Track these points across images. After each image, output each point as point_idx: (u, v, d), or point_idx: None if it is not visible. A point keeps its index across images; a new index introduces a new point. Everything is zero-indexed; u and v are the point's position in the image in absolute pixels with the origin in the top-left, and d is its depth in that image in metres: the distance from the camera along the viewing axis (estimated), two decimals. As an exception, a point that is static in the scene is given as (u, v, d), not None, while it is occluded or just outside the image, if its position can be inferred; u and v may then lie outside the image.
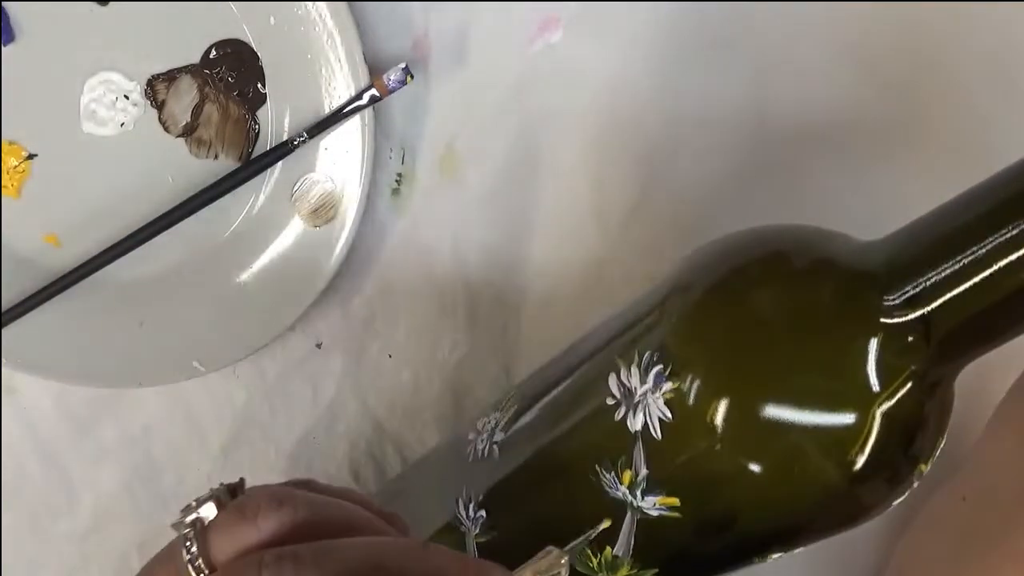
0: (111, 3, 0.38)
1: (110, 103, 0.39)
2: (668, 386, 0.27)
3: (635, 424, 0.28)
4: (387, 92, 0.38)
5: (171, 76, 0.39)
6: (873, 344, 0.26)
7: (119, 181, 0.40)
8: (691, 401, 0.27)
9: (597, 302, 0.42)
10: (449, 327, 0.43)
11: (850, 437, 0.26)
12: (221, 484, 0.26)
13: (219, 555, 0.24)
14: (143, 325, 0.41)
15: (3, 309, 0.39)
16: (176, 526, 0.25)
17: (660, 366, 0.28)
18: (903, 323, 0.25)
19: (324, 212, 0.40)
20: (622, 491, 0.29)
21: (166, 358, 0.41)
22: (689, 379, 0.27)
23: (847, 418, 0.26)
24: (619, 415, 0.29)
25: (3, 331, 0.39)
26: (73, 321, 0.40)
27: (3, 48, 0.38)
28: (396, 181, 0.42)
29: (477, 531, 0.34)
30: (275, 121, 0.40)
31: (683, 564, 0.31)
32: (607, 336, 0.32)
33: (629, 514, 0.29)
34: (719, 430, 0.27)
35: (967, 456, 0.37)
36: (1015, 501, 0.32)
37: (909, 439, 0.27)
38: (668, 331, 0.28)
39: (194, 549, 0.24)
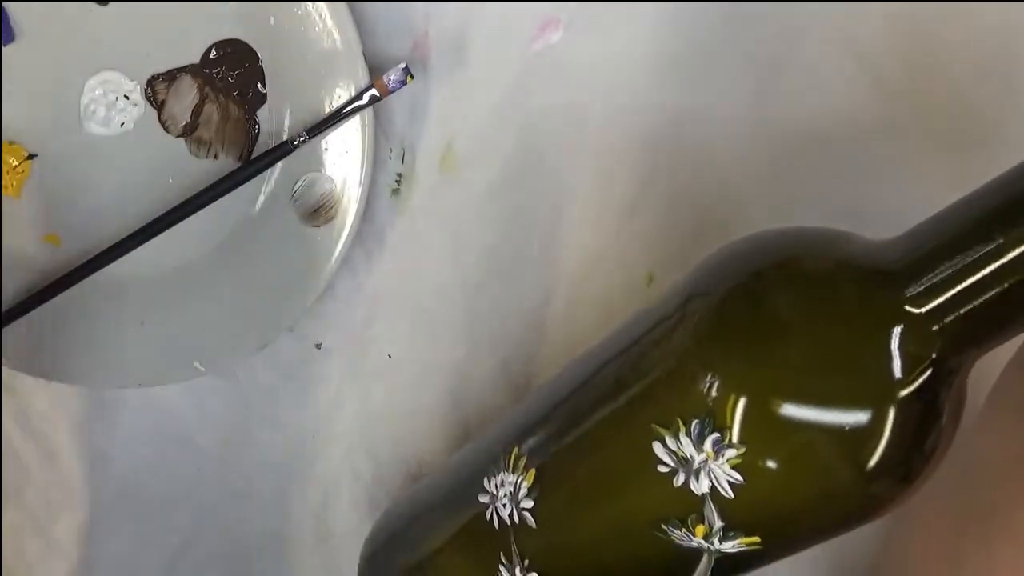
0: (111, 3, 0.38)
1: (110, 103, 0.39)
2: (732, 453, 0.27)
3: (701, 488, 0.28)
4: (387, 92, 0.38)
5: (171, 76, 0.39)
6: (896, 333, 0.26)
7: (119, 181, 0.40)
8: (761, 463, 0.27)
9: (597, 302, 0.42)
10: (449, 327, 0.43)
11: (876, 431, 0.27)
12: None
13: None
14: (143, 325, 0.41)
15: (3, 309, 0.39)
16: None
17: (716, 435, 0.28)
18: (925, 312, 0.26)
19: (324, 212, 0.40)
20: (697, 542, 0.29)
21: (166, 358, 0.41)
22: (752, 448, 0.27)
23: (873, 412, 0.27)
24: (678, 482, 0.29)
25: (3, 331, 0.39)
26: (73, 321, 0.40)
27: (3, 48, 0.38)
28: (396, 181, 0.42)
29: None
30: (275, 121, 0.40)
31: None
32: (621, 373, 0.32)
33: (706, 557, 0.30)
34: (785, 464, 0.27)
35: (965, 434, 0.37)
36: (1010, 477, 0.33)
37: (927, 431, 0.27)
38: (709, 390, 0.28)
39: None
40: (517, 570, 0.34)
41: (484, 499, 0.35)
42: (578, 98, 0.40)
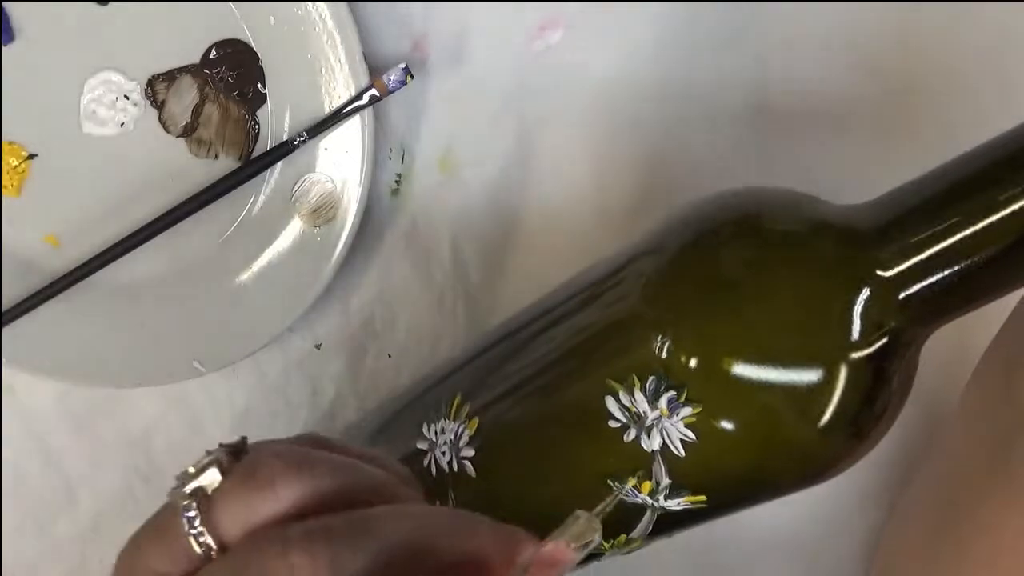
0: (111, 3, 0.38)
1: (110, 103, 0.39)
2: (687, 411, 0.27)
3: (651, 444, 0.28)
4: (387, 92, 0.38)
5: (171, 76, 0.39)
6: (862, 296, 0.26)
7: (119, 181, 0.40)
8: (716, 422, 0.27)
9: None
10: (449, 327, 0.43)
11: (828, 389, 0.26)
12: (220, 445, 0.22)
13: (230, 529, 0.20)
14: (143, 325, 0.41)
15: (3, 309, 0.39)
16: (173, 495, 0.21)
17: (672, 392, 0.27)
18: (891, 277, 0.26)
19: (324, 212, 0.40)
20: (641, 498, 0.29)
21: (166, 358, 0.41)
22: (709, 407, 0.27)
23: (823, 370, 0.26)
24: (629, 437, 0.28)
25: (3, 331, 0.39)
26: (73, 321, 0.40)
27: (3, 48, 0.38)
28: (396, 181, 0.42)
29: None
30: (275, 121, 0.40)
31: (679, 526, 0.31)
32: (573, 326, 0.31)
33: (649, 513, 0.30)
34: (739, 423, 0.27)
35: (942, 436, 0.38)
36: (983, 475, 0.33)
37: (876, 394, 0.27)
38: (668, 346, 0.28)
39: (198, 522, 0.20)
40: None
41: (422, 445, 0.34)
42: (578, 98, 0.40)
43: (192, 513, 0.20)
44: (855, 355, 0.26)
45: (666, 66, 0.40)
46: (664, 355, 0.27)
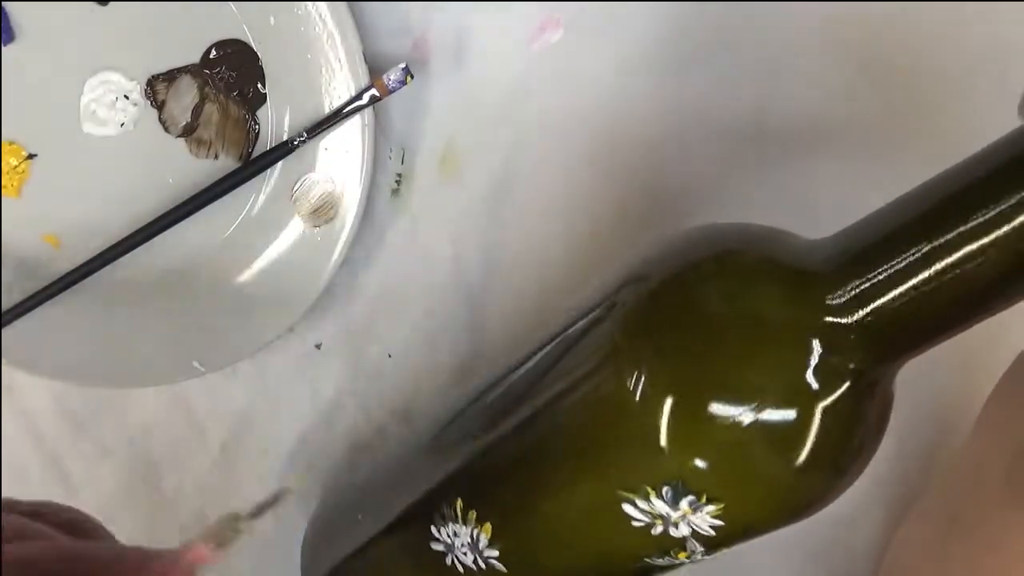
0: (111, 3, 0.38)
1: (110, 103, 0.39)
2: (712, 508, 0.27)
3: (681, 532, 0.28)
4: (387, 92, 0.38)
5: (171, 76, 0.39)
6: (815, 343, 0.25)
7: (119, 181, 0.40)
8: (738, 508, 0.27)
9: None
10: (449, 327, 0.43)
11: (792, 434, 0.26)
12: None
13: None
14: (143, 325, 0.41)
15: (3, 309, 0.39)
16: None
17: (691, 497, 0.27)
18: (844, 323, 0.25)
19: (324, 212, 0.40)
20: (680, 561, 0.29)
21: (166, 358, 0.41)
22: (728, 500, 0.27)
23: (789, 415, 0.26)
24: (657, 531, 0.28)
25: (3, 331, 0.39)
26: (73, 321, 0.40)
27: (3, 48, 0.38)
28: (396, 181, 0.42)
29: None
30: (275, 121, 0.40)
31: None
32: (558, 408, 0.30)
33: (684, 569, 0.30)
34: (741, 483, 0.27)
35: (955, 455, 0.38)
36: (993, 494, 0.33)
37: (848, 436, 0.27)
38: (636, 387, 0.27)
39: None
40: None
41: (438, 547, 0.34)
42: (577, 98, 0.40)
43: None
44: (821, 401, 0.26)
45: (666, 65, 0.40)
46: (672, 458, 0.27)
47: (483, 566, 0.33)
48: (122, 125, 0.39)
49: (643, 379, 0.27)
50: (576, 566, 0.31)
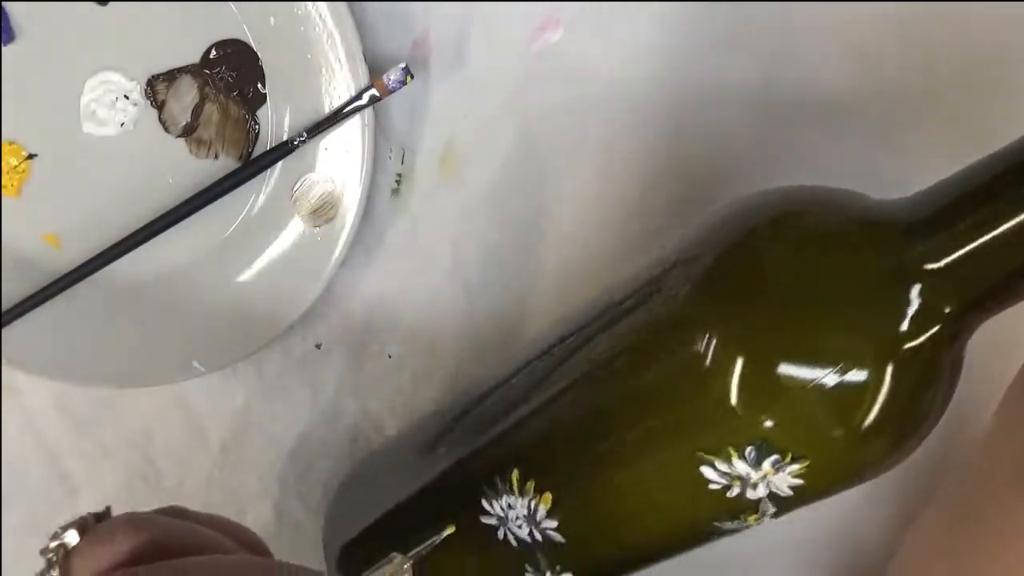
0: (111, 3, 0.38)
1: (110, 103, 0.39)
2: (795, 468, 0.27)
3: (757, 493, 0.28)
4: (387, 92, 0.38)
5: (171, 76, 0.39)
6: (911, 289, 0.26)
7: (119, 181, 0.40)
8: (821, 468, 0.27)
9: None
10: (449, 327, 0.43)
11: (877, 388, 0.26)
12: (88, 513, 0.28)
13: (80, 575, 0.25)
14: (143, 325, 0.41)
15: (3, 309, 0.39)
16: (43, 552, 0.26)
17: (775, 456, 0.27)
18: (939, 269, 0.26)
19: (324, 212, 0.40)
20: (750, 523, 0.30)
21: (166, 358, 0.41)
22: (810, 460, 0.27)
23: (875, 369, 0.26)
24: (733, 493, 0.28)
25: (3, 331, 0.39)
26: (73, 321, 0.40)
27: (3, 48, 0.38)
28: (396, 181, 0.42)
29: None
30: (275, 121, 0.40)
31: None
32: (624, 365, 0.30)
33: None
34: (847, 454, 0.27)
35: (971, 448, 0.38)
36: (1005, 482, 0.33)
37: (928, 391, 0.27)
38: (760, 412, 0.27)
39: (54, 573, 0.25)
40: (548, 574, 0.33)
41: (489, 521, 0.34)
42: (578, 98, 0.40)
43: (53, 567, 0.25)
44: (907, 346, 0.26)
45: (666, 65, 0.40)
46: (757, 418, 0.27)
47: (539, 538, 0.32)
48: (122, 125, 0.39)
49: (715, 343, 0.27)
50: (640, 534, 0.31)
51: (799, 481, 0.28)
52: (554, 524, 0.32)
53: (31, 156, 0.39)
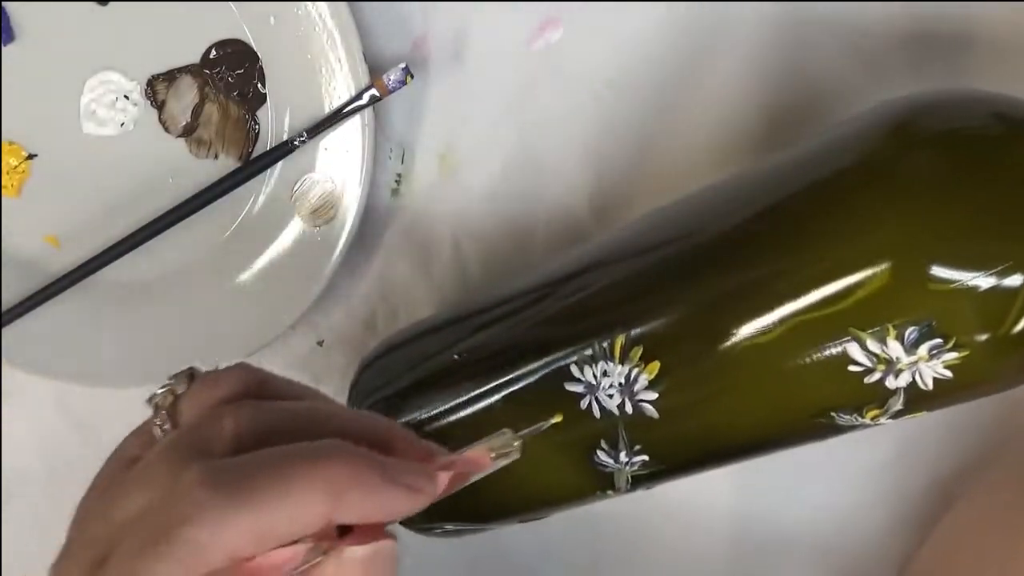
0: (111, 3, 0.38)
1: (110, 103, 0.39)
2: (952, 356, 0.26)
3: (898, 383, 0.27)
4: (387, 92, 0.38)
5: (171, 76, 0.39)
6: None
7: (119, 181, 0.40)
8: (977, 358, 0.26)
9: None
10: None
11: None
12: (193, 367, 0.28)
13: (186, 418, 0.26)
14: (143, 325, 0.41)
15: (3, 309, 0.39)
16: (149, 400, 0.27)
17: (937, 340, 0.26)
18: None
19: (324, 212, 0.40)
20: (863, 422, 0.28)
21: (166, 358, 0.41)
22: (969, 352, 0.26)
23: None
24: (871, 379, 0.27)
25: (3, 331, 0.39)
26: (73, 321, 0.40)
27: (3, 48, 0.38)
28: (396, 181, 0.42)
29: (635, 469, 0.32)
30: (275, 121, 0.40)
31: None
32: (768, 244, 0.28)
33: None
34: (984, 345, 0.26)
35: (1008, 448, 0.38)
36: None
37: None
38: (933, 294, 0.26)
39: (163, 419, 0.26)
40: (623, 455, 0.31)
41: (576, 388, 0.32)
42: (578, 98, 0.40)
43: (161, 409, 0.26)
44: None
45: (666, 65, 0.40)
46: (933, 299, 0.25)
47: (629, 410, 0.31)
48: (122, 125, 0.39)
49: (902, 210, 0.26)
50: (744, 416, 0.30)
51: (948, 374, 0.26)
52: (653, 396, 0.30)
53: (31, 156, 0.39)
